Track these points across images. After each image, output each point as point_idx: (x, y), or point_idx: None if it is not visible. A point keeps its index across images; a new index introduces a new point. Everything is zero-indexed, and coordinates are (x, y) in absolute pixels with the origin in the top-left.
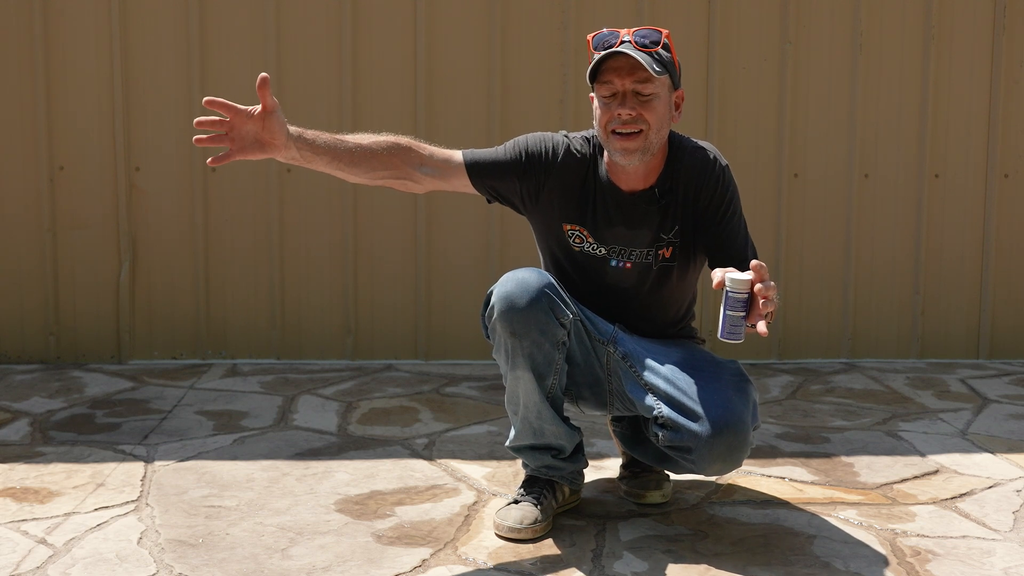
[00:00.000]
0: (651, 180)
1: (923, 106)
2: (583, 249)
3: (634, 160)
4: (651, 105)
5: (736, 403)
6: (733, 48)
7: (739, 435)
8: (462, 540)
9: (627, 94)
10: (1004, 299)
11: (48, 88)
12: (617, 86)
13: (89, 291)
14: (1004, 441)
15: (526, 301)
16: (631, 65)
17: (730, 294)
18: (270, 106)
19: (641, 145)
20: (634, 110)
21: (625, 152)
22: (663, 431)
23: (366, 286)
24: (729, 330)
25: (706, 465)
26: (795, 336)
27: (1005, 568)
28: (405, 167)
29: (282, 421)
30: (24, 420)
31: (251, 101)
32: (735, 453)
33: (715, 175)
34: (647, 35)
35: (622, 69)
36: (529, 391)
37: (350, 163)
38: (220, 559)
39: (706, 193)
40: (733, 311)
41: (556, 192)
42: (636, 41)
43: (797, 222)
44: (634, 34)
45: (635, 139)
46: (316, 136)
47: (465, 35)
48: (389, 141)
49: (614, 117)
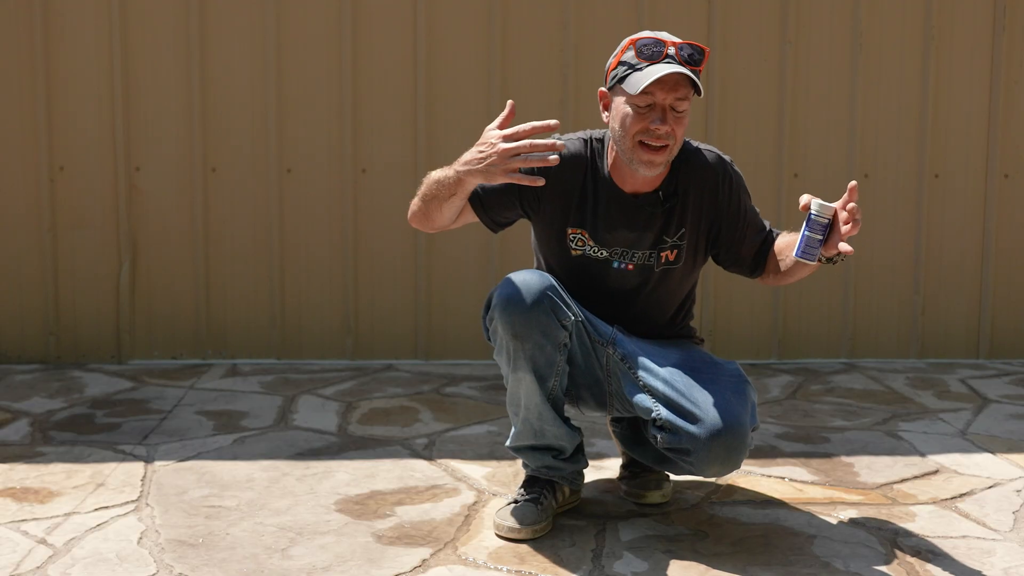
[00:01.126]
0: (655, 183)
1: (923, 106)
2: (584, 252)
3: (657, 171)
4: (683, 121)
5: (734, 405)
6: (733, 48)
7: (737, 437)
8: (462, 540)
9: (666, 109)
10: (1004, 299)
11: (48, 88)
12: (659, 99)
13: (89, 291)
14: (1004, 441)
15: (528, 303)
16: (676, 81)
17: (814, 217)
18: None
19: (666, 158)
20: (671, 126)
21: (651, 164)
22: (661, 433)
23: (366, 286)
24: (804, 250)
25: (704, 467)
26: (795, 336)
27: (1005, 568)
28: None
29: (282, 421)
30: (24, 420)
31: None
32: (734, 455)
33: (727, 175)
34: (693, 53)
35: (667, 83)
36: (530, 392)
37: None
38: (220, 559)
39: (723, 195)
40: (812, 233)
41: (556, 199)
42: (683, 57)
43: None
44: (679, 48)
45: (662, 153)
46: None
47: (465, 35)
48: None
49: (649, 130)
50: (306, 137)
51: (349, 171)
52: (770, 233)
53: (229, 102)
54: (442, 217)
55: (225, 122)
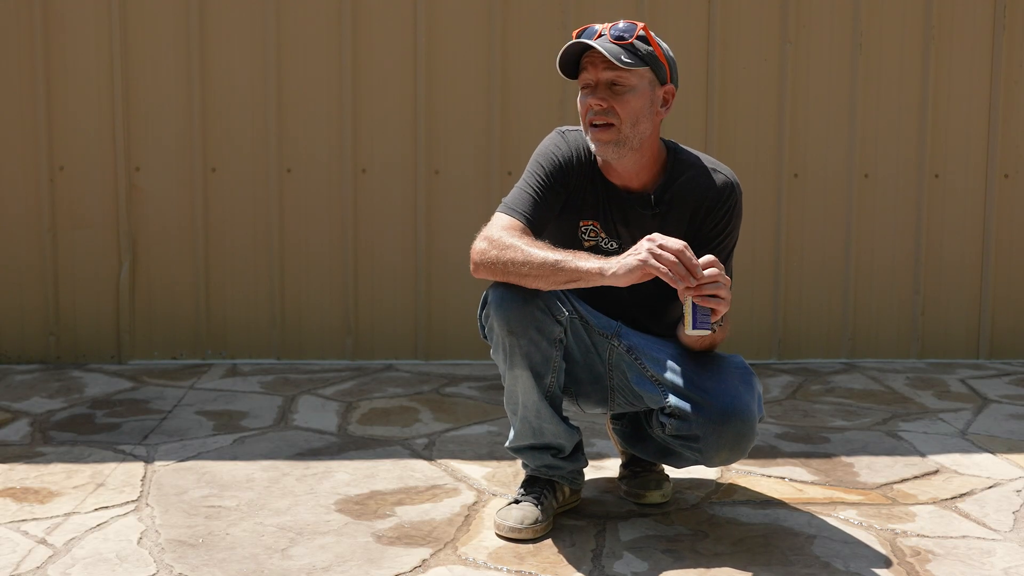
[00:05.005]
0: (643, 181)
1: (923, 106)
2: (597, 244)
3: (608, 152)
4: (624, 98)
5: (743, 392)
6: (733, 48)
7: (746, 423)
8: (462, 540)
9: (599, 85)
10: (1004, 299)
11: (48, 88)
12: (590, 76)
13: (89, 291)
14: (1004, 441)
15: (522, 299)
16: (601, 57)
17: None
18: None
19: (614, 137)
20: (604, 101)
21: (599, 143)
22: (671, 420)
23: (366, 286)
24: (698, 322)
25: (713, 454)
26: (795, 336)
27: (1005, 568)
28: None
29: (282, 421)
30: (24, 420)
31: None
32: (742, 442)
33: (728, 201)
34: (620, 28)
35: (596, 60)
36: (527, 390)
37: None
38: (220, 559)
39: (713, 216)
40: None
41: (574, 191)
42: (612, 35)
43: (797, 222)
44: (611, 29)
45: (607, 131)
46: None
47: (465, 35)
48: (531, 236)
49: (589, 108)
50: (306, 137)
51: (349, 171)
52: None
53: (229, 102)
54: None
55: (225, 122)
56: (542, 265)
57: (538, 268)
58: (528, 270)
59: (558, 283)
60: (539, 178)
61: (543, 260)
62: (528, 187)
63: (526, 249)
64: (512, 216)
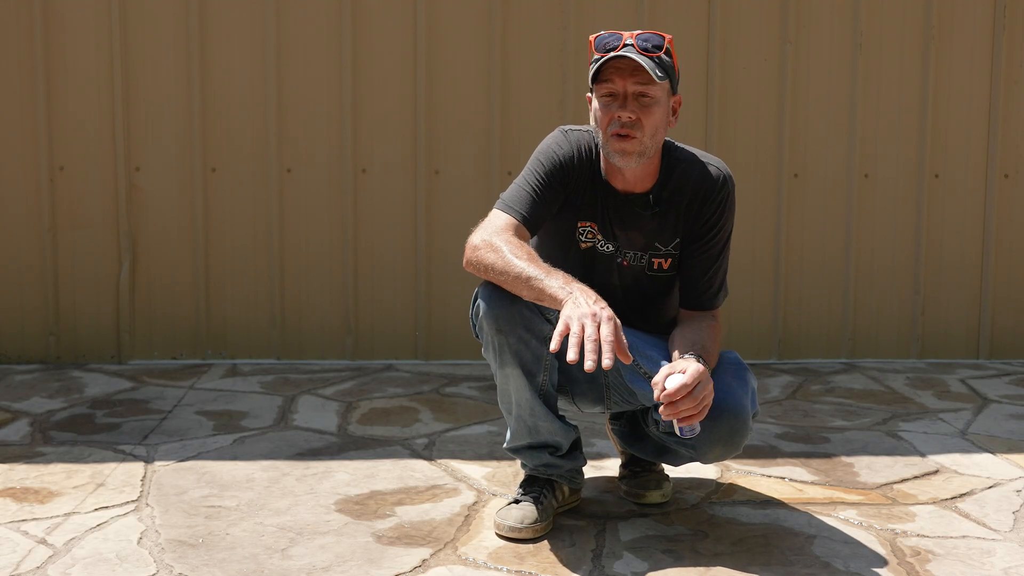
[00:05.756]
0: (646, 185)
1: (923, 106)
2: (594, 246)
3: (631, 162)
4: (650, 109)
5: (735, 388)
6: (733, 48)
7: (739, 418)
8: (462, 540)
9: (627, 96)
10: (1004, 299)
11: (48, 88)
12: (618, 87)
13: (89, 291)
14: (1004, 441)
15: (510, 297)
16: (632, 67)
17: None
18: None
19: (638, 148)
20: (634, 113)
21: (623, 154)
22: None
23: (366, 286)
24: (684, 431)
25: (707, 450)
26: (795, 336)
27: (1005, 568)
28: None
29: (282, 421)
30: (24, 420)
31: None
32: (735, 437)
33: (721, 194)
34: (650, 39)
35: (624, 70)
36: (520, 388)
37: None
38: (220, 559)
39: (707, 207)
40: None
41: (574, 192)
42: (639, 45)
43: (797, 222)
44: (637, 37)
45: (631, 141)
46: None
47: (465, 35)
48: (522, 241)
49: (614, 119)
50: (306, 137)
51: (349, 171)
52: (710, 299)
53: (229, 102)
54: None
55: (225, 122)
56: (516, 278)
57: (512, 280)
58: (504, 279)
59: (528, 297)
60: (539, 176)
61: (517, 274)
62: (527, 185)
63: (507, 257)
64: (509, 214)
